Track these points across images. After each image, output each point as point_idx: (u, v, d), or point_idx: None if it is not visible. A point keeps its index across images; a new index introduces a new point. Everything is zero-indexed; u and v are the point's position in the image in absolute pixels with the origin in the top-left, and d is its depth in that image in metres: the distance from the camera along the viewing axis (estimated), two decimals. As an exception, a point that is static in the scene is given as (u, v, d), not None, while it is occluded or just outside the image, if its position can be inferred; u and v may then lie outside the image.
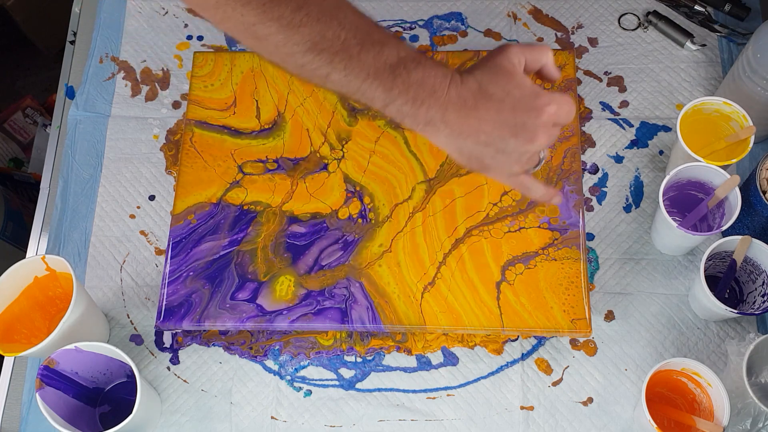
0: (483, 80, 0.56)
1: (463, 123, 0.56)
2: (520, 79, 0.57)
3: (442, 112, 0.56)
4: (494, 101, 0.56)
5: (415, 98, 0.55)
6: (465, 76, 0.56)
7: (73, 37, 0.98)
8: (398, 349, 0.78)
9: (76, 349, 0.69)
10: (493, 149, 0.58)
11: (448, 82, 0.56)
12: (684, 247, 0.79)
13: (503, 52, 0.57)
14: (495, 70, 0.56)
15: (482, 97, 0.56)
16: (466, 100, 0.56)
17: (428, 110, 0.56)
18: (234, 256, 0.79)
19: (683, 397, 0.72)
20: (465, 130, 0.57)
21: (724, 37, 0.89)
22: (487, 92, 0.56)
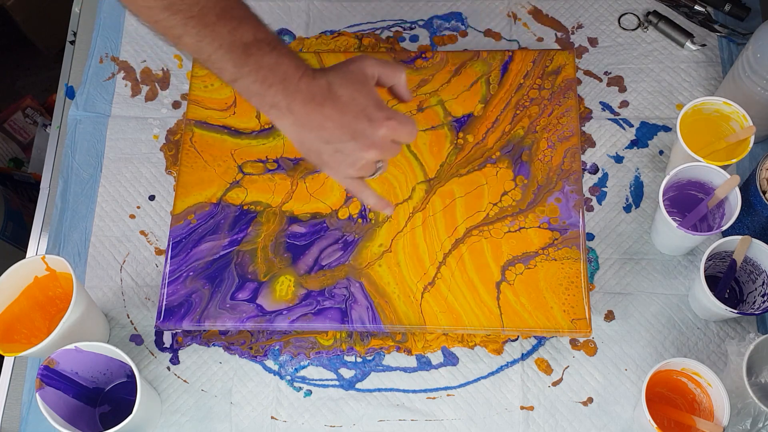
0: (334, 81, 0.59)
1: (307, 116, 0.58)
2: (369, 89, 0.60)
3: (289, 100, 0.58)
4: (339, 103, 0.58)
5: (264, 80, 0.57)
6: (317, 73, 0.59)
7: (73, 37, 0.98)
8: (398, 349, 0.78)
9: (76, 349, 0.69)
10: (332, 148, 0.60)
11: (300, 74, 0.58)
12: (684, 247, 0.79)
13: (360, 62, 0.60)
14: (347, 76, 0.59)
15: (330, 97, 0.58)
16: (314, 95, 0.58)
17: (276, 95, 0.58)
18: (234, 256, 0.79)
19: (683, 397, 0.72)
20: (308, 124, 0.59)
21: (724, 37, 0.89)
22: (336, 93, 0.58)
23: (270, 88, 0.58)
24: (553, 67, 0.84)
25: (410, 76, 0.85)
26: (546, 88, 0.84)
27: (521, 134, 0.82)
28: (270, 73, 0.57)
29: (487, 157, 0.81)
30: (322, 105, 0.58)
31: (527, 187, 0.79)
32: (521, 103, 0.83)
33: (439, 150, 0.82)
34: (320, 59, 0.87)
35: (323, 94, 0.58)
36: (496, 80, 0.84)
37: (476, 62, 0.86)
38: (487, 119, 0.83)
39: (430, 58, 0.86)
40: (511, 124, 0.82)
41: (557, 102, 0.83)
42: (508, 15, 0.93)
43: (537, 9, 0.93)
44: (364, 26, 0.93)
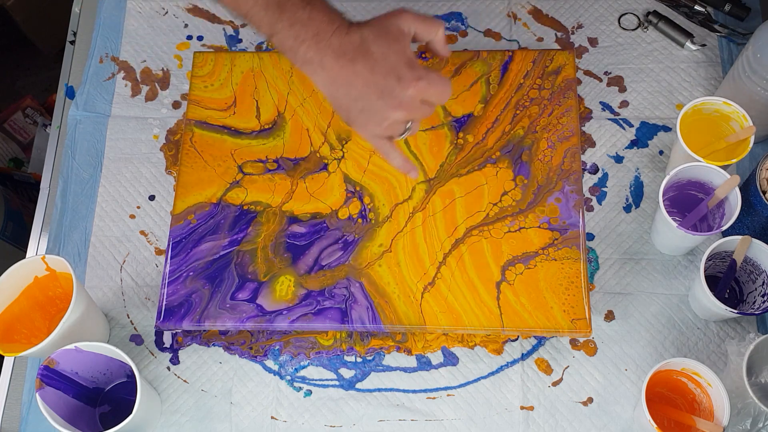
0: (367, 37, 0.58)
1: (338, 72, 0.58)
2: (403, 46, 0.59)
3: (321, 55, 0.58)
4: (371, 60, 0.58)
5: (297, 35, 0.58)
6: (351, 29, 0.59)
7: (73, 37, 0.98)
8: (398, 349, 0.78)
9: (76, 349, 0.69)
10: (360, 105, 0.60)
11: (334, 29, 0.58)
12: (684, 247, 0.79)
13: (397, 17, 0.60)
14: (382, 31, 0.59)
15: (361, 53, 0.58)
16: (345, 51, 0.58)
17: (308, 50, 0.58)
18: (234, 256, 0.79)
19: (683, 397, 0.72)
20: (338, 80, 0.59)
21: (724, 37, 0.89)
22: (368, 50, 0.58)
23: (303, 43, 0.58)
24: (553, 67, 0.84)
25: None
26: (546, 88, 0.84)
27: (521, 134, 0.82)
28: (303, 28, 0.58)
29: (487, 157, 0.81)
30: (354, 61, 0.58)
31: (527, 187, 0.79)
32: (521, 103, 0.83)
33: (439, 150, 0.82)
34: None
35: (355, 50, 0.58)
36: (496, 80, 0.84)
37: (476, 62, 0.86)
38: (487, 119, 0.83)
39: (430, 58, 0.86)
40: (511, 124, 0.82)
41: (557, 102, 0.83)
42: (508, 15, 0.93)
43: (537, 9, 0.93)
44: (364, 26, 0.93)
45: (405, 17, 0.60)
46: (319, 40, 0.58)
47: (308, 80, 0.62)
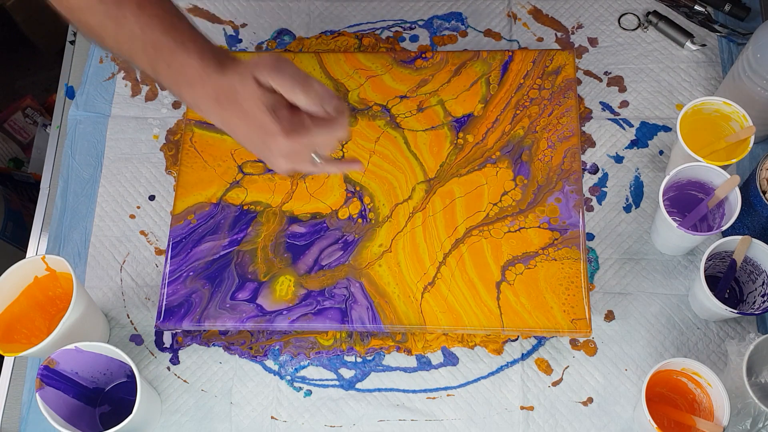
0: (235, 84, 0.56)
1: (221, 119, 0.58)
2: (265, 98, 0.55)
3: (200, 102, 0.57)
4: (241, 111, 0.56)
5: (175, 80, 0.57)
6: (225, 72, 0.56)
7: (73, 37, 0.98)
8: (398, 349, 0.78)
9: (76, 349, 0.69)
10: (251, 148, 0.59)
11: (208, 74, 0.56)
12: (684, 247, 0.79)
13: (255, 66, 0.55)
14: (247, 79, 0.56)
15: (232, 102, 0.56)
16: (219, 100, 0.57)
17: (187, 96, 0.58)
18: (234, 256, 0.79)
19: (683, 397, 0.72)
20: (224, 125, 0.59)
21: (724, 37, 0.89)
22: (237, 99, 0.56)
23: (181, 89, 0.57)
24: (553, 67, 0.84)
25: (410, 76, 0.85)
26: (546, 88, 0.84)
27: (521, 134, 0.82)
28: (179, 74, 0.56)
29: (487, 157, 0.81)
30: (230, 111, 0.56)
31: (527, 187, 0.79)
32: (521, 103, 0.83)
33: (439, 150, 0.82)
34: (320, 59, 0.87)
35: (227, 98, 0.56)
36: (496, 80, 0.84)
37: (476, 62, 0.86)
38: (487, 119, 0.83)
39: (430, 58, 0.86)
40: (511, 124, 0.82)
41: (557, 102, 0.83)
42: (508, 15, 0.93)
43: (537, 9, 0.93)
44: (364, 26, 0.93)
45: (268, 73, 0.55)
46: (195, 88, 0.56)
47: None
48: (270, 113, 0.55)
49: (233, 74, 0.56)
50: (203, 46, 0.57)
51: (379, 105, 0.84)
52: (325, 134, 0.57)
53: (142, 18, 0.56)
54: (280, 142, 0.56)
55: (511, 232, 0.78)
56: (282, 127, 0.55)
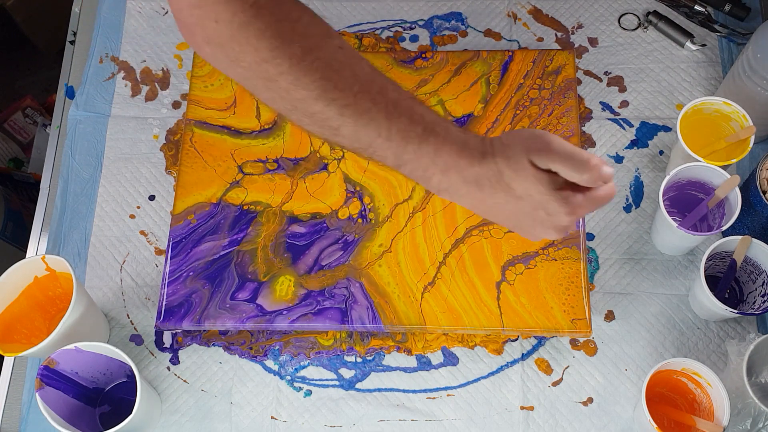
0: (503, 171, 0.53)
1: (480, 201, 0.55)
2: (546, 186, 0.53)
3: (456, 187, 0.54)
4: (513, 195, 0.53)
5: (426, 168, 0.54)
6: (485, 159, 0.53)
7: (73, 37, 0.98)
8: (398, 349, 0.78)
9: (76, 349, 0.69)
10: (512, 225, 0.57)
11: (465, 163, 0.53)
12: (684, 247, 0.79)
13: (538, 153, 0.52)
14: (520, 167, 0.52)
15: (501, 188, 0.53)
16: (482, 185, 0.53)
17: (440, 182, 0.54)
18: (234, 256, 0.79)
19: (683, 397, 0.72)
20: (481, 206, 0.55)
21: (724, 37, 0.89)
22: (508, 185, 0.53)
23: (433, 176, 0.54)
24: (553, 67, 0.84)
25: (410, 76, 0.85)
26: (546, 88, 0.84)
27: (521, 134, 0.82)
28: (431, 162, 0.53)
29: (487, 157, 0.81)
30: (493, 194, 0.53)
31: (527, 187, 0.79)
32: (521, 103, 0.83)
33: (439, 150, 0.82)
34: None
35: (492, 184, 0.53)
36: (496, 80, 0.84)
37: (476, 62, 0.86)
38: (487, 119, 0.83)
39: (430, 58, 0.86)
40: (511, 124, 0.82)
41: (557, 102, 0.83)
42: (508, 15, 0.93)
43: (537, 9, 0.93)
44: (364, 26, 0.93)
45: (548, 155, 0.52)
46: (450, 174, 0.53)
47: None
48: (554, 195, 0.53)
49: (501, 159, 0.53)
50: (453, 131, 0.54)
51: (379, 105, 0.84)
52: (596, 204, 0.54)
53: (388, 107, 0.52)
54: (562, 220, 0.54)
55: (511, 232, 0.78)
56: (567, 209, 0.53)
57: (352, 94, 0.52)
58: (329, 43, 0.52)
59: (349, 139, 0.54)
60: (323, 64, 0.51)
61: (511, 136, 0.54)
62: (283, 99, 0.52)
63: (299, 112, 0.53)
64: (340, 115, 0.52)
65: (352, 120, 0.52)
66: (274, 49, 0.50)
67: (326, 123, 0.53)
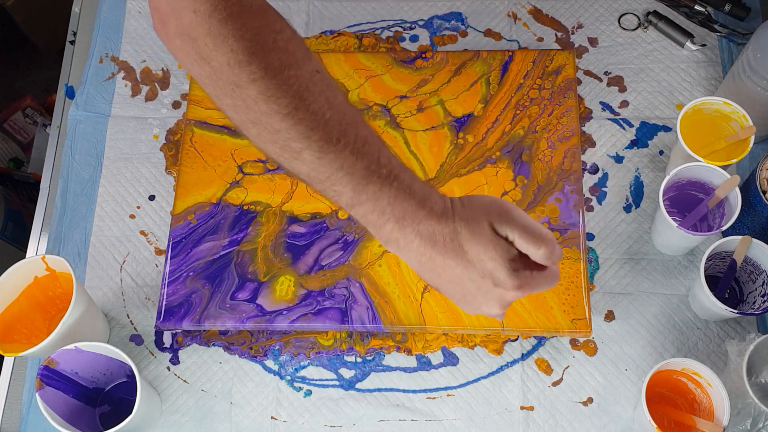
0: (461, 232, 0.51)
1: (427, 260, 0.52)
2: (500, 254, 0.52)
3: (408, 240, 0.52)
4: (464, 259, 0.52)
5: (383, 212, 0.51)
6: (443, 217, 0.52)
7: (73, 37, 0.98)
8: (398, 349, 0.78)
9: (76, 349, 0.69)
10: (451, 293, 0.55)
11: (423, 215, 0.51)
12: (684, 247, 0.79)
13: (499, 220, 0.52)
14: (477, 231, 0.51)
15: (453, 249, 0.51)
16: (435, 242, 0.51)
17: (392, 231, 0.52)
18: (234, 256, 0.79)
19: (683, 397, 0.72)
20: (427, 266, 0.53)
21: (724, 37, 0.89)
22: (461, 248, 0.51)
23: (387, 222, 0.52)
24: (553, 67, 0.84)
25: (410, 76, 0.85)
26: (546, 88, 0.84)
27: (521, 134, 0.82)
28: (388, 206, 0.51)
29: (487, 157, 0.81)
30: (444, 254, 0.51)
31: (527, 187, 0.79)
32: (521, 103, 0.83)
33: (439, 150, 0.82)
34: (320, 59, 0.87)
35: (446, 243, 0.51)
36: (496, 80, 0.84)
37: (476, 62, 0.86)
38: (487, 119, 0.83)
39: (430, 58, 0.86)
40: (511, 124, 0.82)
41: (557, 102, 0.83)
42: (508, 15, 0.93)
43: (537, 9, 0.93)
44: (364, 26, 0.93)
45: (508, 224, 0.51)
46: (405, 225, 0.51)
47: None
48: (507, 267, 0.51)
49: (460, 219, 0.52)
50: (417, 182, 0.53)
51: (379, 105, 0.85)
52: (546, 284, 0.54)
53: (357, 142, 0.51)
54: (507, 294, 0.52)
55: (511, 232, 0.77)
56: (515, 282, 0.52)
57: (323, 119, 0.50)
58: (308, 64, 0.51)
59: (308, 166, 0.51)
60: (299, 82, 0.49)
61: (473, 200, 0.53)
62: (248, 109, 0.50)
63: (261, 126, 0.50)
64: (306, 138, 0.50)
65: (317, 146, 0.50)
66: (252, 55, 0.48)
67: (288, 143, 0.50)
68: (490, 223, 0.52)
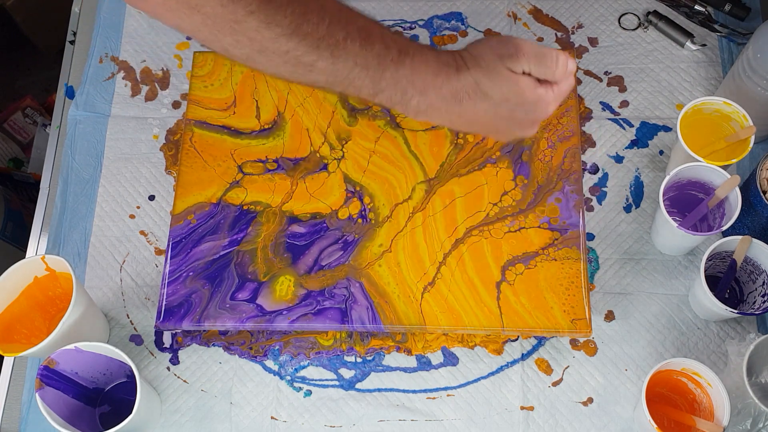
0: (480, 80, 0.55)
1: (459, 114, 0.56)
2: (521, 88, 0.56)
3: (435, 106, 0.56)
4: (491, 102, 0.56)
5: (405, 92, 0.55)
6: (460, 71, 0.55)
7: (73, 37, 0.98)
8: (398, 349, 0.78)
9: (76, 349, 0.69)
10: (493, 131, 0.59)
11: (442, 79, 0.55)
12: (684, 247, 0.79)
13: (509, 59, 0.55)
14: (494, 74, 0.55)
15: (479, 96, 0.55)
16: (460, 97, 0.55)
17: (419, 104, 0.55)
18: (234, 256, 0.79)
19: (683, 397, 0.72)
20: (460, 119, 0.57)
21: (724, 37, 0.89)
22: (486, 93, 0.56)
23: (411, 99, 0.55)
24: (553, 67, 0.84)
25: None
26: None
27: (521, 134, 0.82)
28: (409, 85, 0.55)
29: (487, 157, 0.81)
30: (473, 104, 0.56)
31: (527, 187, 0.79)
32: (521, 103, 0.83)
33: (439, 150, 0.82)
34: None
35: (470, 96, 0.55)
36: (496, 80, 0.84)
37: (476, 62, 0.85)
38: (487, 119, 0.83)
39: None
40: (511, 124, 0.82)
41: (557, 102, 0.83)
42: (508, 15, 0.93)
43: (537, 9, 0.93)
44: (364, 26, 0.93)
45: (520, 58, 0.55)
46: (428, 94, 0.55)
47: None
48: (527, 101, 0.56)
49: (476, 70, 0.55)
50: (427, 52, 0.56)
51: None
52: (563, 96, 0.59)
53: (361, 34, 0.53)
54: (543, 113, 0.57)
55: (511, 232, 0.78)
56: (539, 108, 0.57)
57: (324, 26, 0.52)
58: None
59: (325, 74, 0.53)
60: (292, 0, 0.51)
61: (480, 46, 0.56)
62: (251, 41, 0.51)
63: (269, 52, 0.52)
64: (316, 49, 0.52)
65: (329, 52, 0.52)
66: None
67: (300, 60, 0.52)
68: (504, 65, 0.55)
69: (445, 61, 0.56)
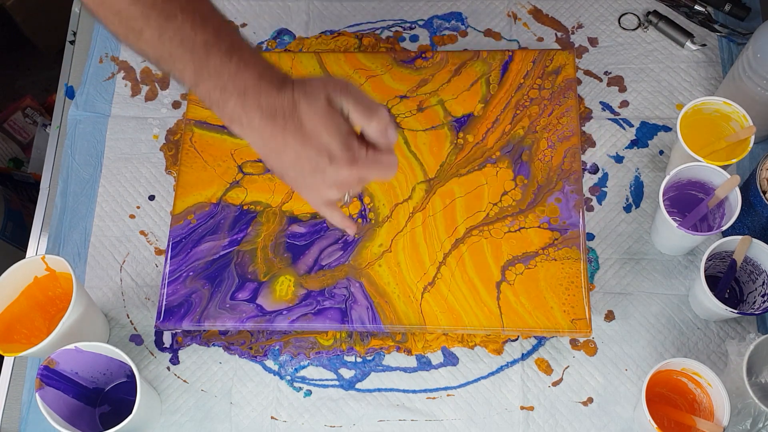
0: (299, 102, 0.52)
1: (268, 136, 0.53)
2: (337, 124, 0.52)
3: (249, 116, 0.53)
4: (301, 132, 0.52)
5: (224, 89, 0.53)
6: (284, 87, 0.53)
7: (73, 37, 0.98)
8: (398, 349, 0.78)
9: (76, 349, 0.69)
10: (293, 174, 0.56)
11: (263, 87, 0.52)
12: (684, 247, 0.79)
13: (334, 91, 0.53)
14: (315, 101, 0.52)
15: (292, 121, 0.52)
16: (275, 115, 0.52)
17: (235, 107, 0.53)
18: (234, 256, 0.79)
19: (683, 397, 0.72)
20: (269, 144, 0.54)
21: (724, 37, 0.89)
22: (299, 119, 0.52)
23: (229, 99, 0.53)
24: (553, 67, 0.84)
25: (410, 76, 0.85)
26: (546, 88, 0.84)
27: (521, 134, 0.82)
28: (230, 81, 0.52)
29: (487, 157, 0.81)
30: (284, 128, 0.52)
31: (527, 187, 0.79)
32: (521, 103, 0.83)
33: (439, 150, 0.82)
34: (320, 59, 0.87)
35: (285, 116, 0.52)
36: (496, 80, 0.84)
37: (476, 62, 0.86)
38: (487, 119, 0.83)
39: (430, 58, 0.86)
40: (511, 124, 0.82)
41: (557, 102, 0.83)
42: (508, 15, 0.93)
43: (537, 9, 0.93)
44: (364, 26, 0.93)
45: (343, 96, 0.52)
46: (247, 100, 0.52)
47: None
48: (340, 138, 0.52)
49: (299, 91, 0.52)
50: (258, 57, 0.54)
51: (379, 105, 0.84)
52: (379, 170, 0.54)
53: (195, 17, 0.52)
54: (341, 171, 0.53)
55: (511, 232, 0.78)
56: (349, 156, 0.52)
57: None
58: None
59: (152, 46, 0.53)
60: None
61: (313, 77, 0.55)
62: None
63: (105, 7, 0.53)
64: (145, 17, 0.52)
65: (156, 24, 0.52)
66: None
67: (130, 23, 0.52)
68: (327, 96, 0.53)
69: (273, 71, 0.53)
